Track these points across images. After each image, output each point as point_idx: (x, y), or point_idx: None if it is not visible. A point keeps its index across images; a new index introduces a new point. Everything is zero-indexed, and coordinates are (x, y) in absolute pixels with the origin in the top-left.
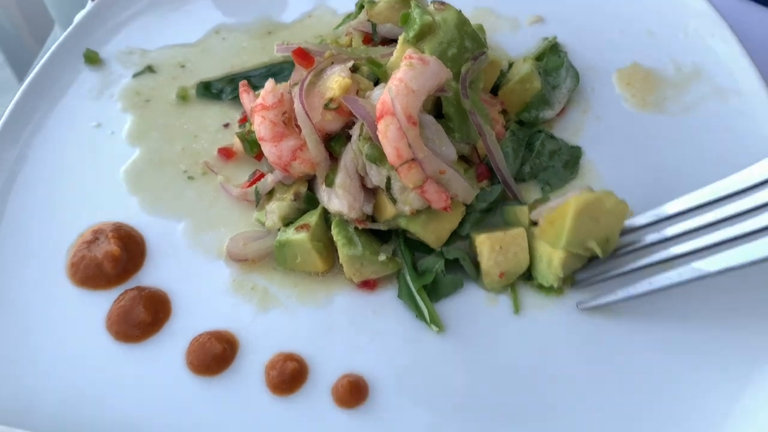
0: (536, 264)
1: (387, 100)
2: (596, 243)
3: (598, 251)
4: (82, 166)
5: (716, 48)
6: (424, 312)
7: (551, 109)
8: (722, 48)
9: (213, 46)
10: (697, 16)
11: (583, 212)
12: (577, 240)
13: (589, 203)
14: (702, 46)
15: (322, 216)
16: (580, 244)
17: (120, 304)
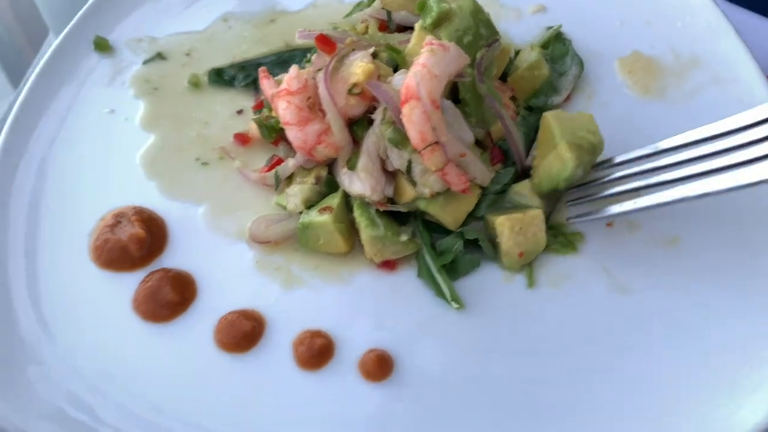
0: (551, 172)
1: (412, 85)
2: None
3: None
4: (97, 151)
5: (713, 37)
6: (444, 290)
7: (559, 95)
8: (719, 37)
9: (219, 35)
10: (693, 7)
11: (559, 118)
12: (568, 132)
13: (559, 114)
14: (699, 35)
15: (343, 198)
16: (573, 134)
17: (147, 285)
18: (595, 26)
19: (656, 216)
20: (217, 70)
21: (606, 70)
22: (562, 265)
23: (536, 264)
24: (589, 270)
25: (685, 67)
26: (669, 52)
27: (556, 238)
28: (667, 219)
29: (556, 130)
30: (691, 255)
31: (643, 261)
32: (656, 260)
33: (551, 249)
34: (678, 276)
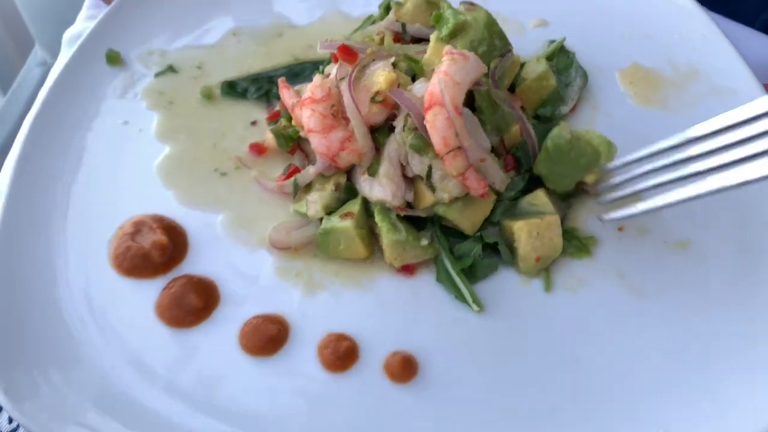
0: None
1: (436, 92)
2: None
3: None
4: (113, 162)
5: (709, 50)
6: (464, 292)
7: (565, 105)
8: (715, 50)
9: (229, 48)
10: (689, 21)
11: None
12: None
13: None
14: (696, 47)
15: (363, 205)
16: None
17: (171, 291)
18: (596, 39)
19: (666, 220)
20: (229, 82)
21: (608, 82)
22: (578, 269)
23: (552, 268)
24: (604, 274)
25: (684, 78)
26: (667, 64)
27: (570, 242)
28: (676, 223)
29: (561, 124)
30: (703, 258)
31: (655, 265)
32: (669, 264)
33: (566, 253)
34: (691, 279)
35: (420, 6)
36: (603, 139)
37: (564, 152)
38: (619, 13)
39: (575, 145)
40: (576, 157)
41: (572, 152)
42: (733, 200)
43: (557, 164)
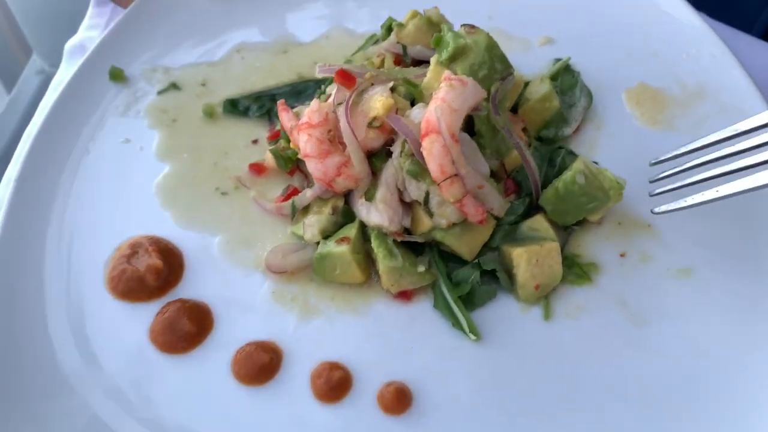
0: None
1: (432, 119)
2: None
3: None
4: (113, 180)
5: (718, 69)
6: (461, 321)
7: (569, 127)
8: (724, 69)
9: (233, 65)
10: (698, 39)
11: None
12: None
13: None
14: (704, 67)
15: (360, 229)
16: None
17: (165, 316)
18: (602, 58)
19: (669, 246)
20: (231, 100)
21: (614, 102)
22: (578, 296)
23: (552, 295)
24: (604, 301)
25: (691, 97)
26: (675, 84)
27: (570, 269)
28: (680, 249)
29: (581, 158)
30: (705, 286)
31: (657, 292)
32: (671, 291)
33: (567, 280)
34: (693, 308)
35: (421, 27)
36: (614, 182)
37: (575, 196)
38: (627, 32)
39: (586, 191)
40: (585, 202)
41: (583, 197)
42: (738, 226)
43: (564, 204)
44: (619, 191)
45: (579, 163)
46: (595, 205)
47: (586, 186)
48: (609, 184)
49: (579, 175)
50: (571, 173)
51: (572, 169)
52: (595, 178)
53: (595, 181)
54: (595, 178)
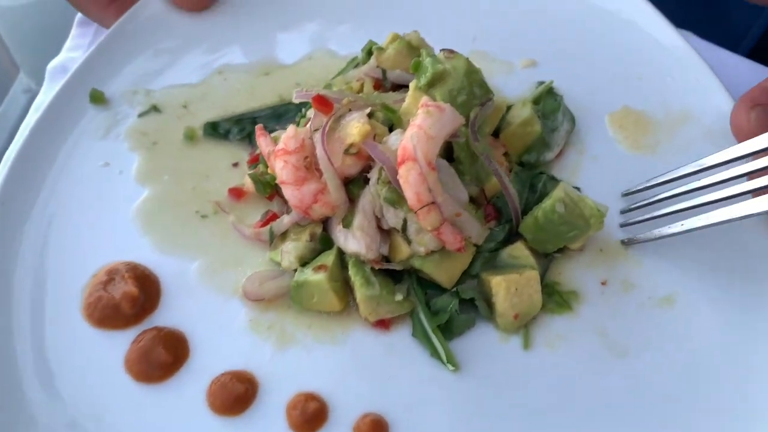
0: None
1: (408, 147)
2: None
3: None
4: (92, 205)
5: (702, 93)
6: (439, 351)
7: (551, 152)
8: (708, 93)
9: (214, 87)
10: (683, 62)
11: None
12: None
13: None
14: (689, 90)
15: (337, 256)
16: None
17: (140, 345)
18: (586, 81)
19: (651, 274)
20: (212, 123)
21: (597, 125)
22: (558, 325)
23: (532, 324)
24: (584, 331)
25: (675, 121)
26: (659, 107)
27: (551, 297)
28: (662, 277)
29: (562, 185)
30: (687, 315)
31: (639, 322)
32: (652, 320)
33: (547, 309)
34: (674, 337)
35: (401, 51)
36: (595, 210)
37: (554, 225)
38: (611, 54)
39: (567, 219)
40: (565, 230)
41: (563, 226)
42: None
43: (544, 232)
44: (600, 219)
45: (559, 191)
46: (575, 234)
47: (566, 215)
48: (590, 212)
49: (558, 204)
50: (550, 202)
51: (552, 198)
52: (576, 206)
53: (576, 209)
54: (575, 206)
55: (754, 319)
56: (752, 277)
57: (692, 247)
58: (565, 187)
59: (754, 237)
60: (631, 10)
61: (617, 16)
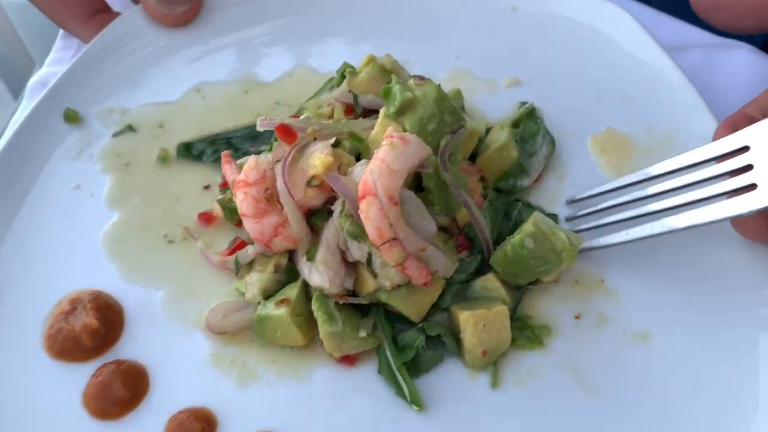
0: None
1: (369, 181)
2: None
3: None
4: (60, 229)
5: (688, 115)
6: (404, 390)
7: (528, 177)
8: (694, 116)
9: (192, 105)
10: (670, 83)
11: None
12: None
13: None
14: (674, 113)
15: (302, 289)
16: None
17: (98, 380)
18: (570, 100)
19: (626, 307)
20: (186, 144)
21: (579, 148)
22: (529, 362)
23: (502, 360)
24: (555, 368)
25: (658, 145)
26: (643, 130)
27: (522, 332)
28: (637, 312)
29: (535, 217)
30: (663, 352)
31: (611, 358)
32: (626, 357)
33: (517, 344)
34: (648, 376)
35: (374, 75)
36: (566, 244)
37: (524, 259)
38: (597, 74)
39: (537, 254)
40: (536, 265)
41: (533, 260)
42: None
43: (514, 266)
44: (572, 254)
45: (529, 225)
46: (546, 268)
47: (536, 249)
48: (561, 246)
49: (528, 239)
50: (519, 237)
51: (521, 232)
52: (547, 240)
53: (546, 243)
54: (547, 240)
55: (731, 358)
56: (732, 315)
57: (670, 281)
58: (537, 219)
59: (736, 269)
60: (619, 29)
61: (604, 34)
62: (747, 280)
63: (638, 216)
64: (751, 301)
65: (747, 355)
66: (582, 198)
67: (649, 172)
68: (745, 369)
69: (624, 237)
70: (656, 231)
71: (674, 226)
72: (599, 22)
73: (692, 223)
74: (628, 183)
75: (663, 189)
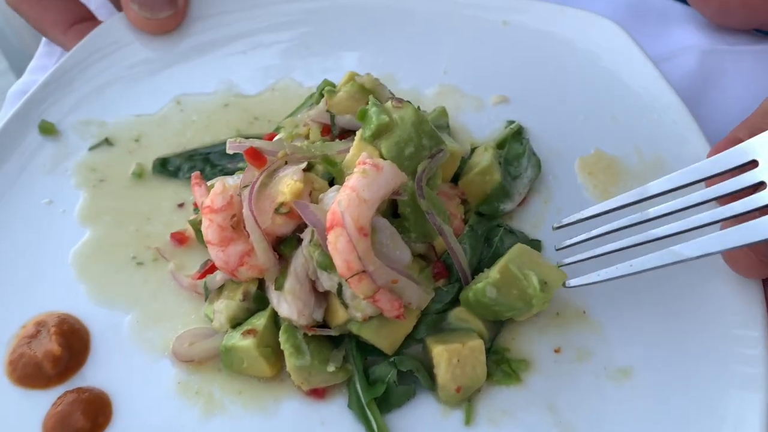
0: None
1: (337, 212)
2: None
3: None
4: (30, 246)
5: (678, 138)
6: (373, 428)
7: (511, 201)
8: (684, 138)
9: (169, 119)
10: (661, 103)
11: (526, 252)
12: (518, 264)
13: (528, 251)
14: (665, 135)
15: (271, 318)
16: (520, 267)
17: (58, 409)
18: (558, 120)
19: (609, 341)
20: (162, 159)
21: (565, 171)
22: (504, 398)
23: (477, 396)
24: (531, 406)
25: (648, 168)
26: (633, 152)
27: (498, 366)
28: (620, 346)
29: (509, 255)
30: (645, 389)
31: (591, 396)
32: (605, 395)
33: (494, 379)
34: (627, 414)
35: (354, 95)
36: (537, 291)
37: (488, 306)
38: (587, 92)
39: (501, 302)
40: (502, 310)
41: (497, 306)
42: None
43: (481, 309)
44: (544, 300)
45: (495, 271)
46: (514, 313)
47: (499, 298)
48: (533, 292)
49: (490, 289)
50: (481, 285)
51: (483, 280)
52: (516, 287)
53: (514, 291)
54: (515, 287)
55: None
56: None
57: (655, 315)
58: (512, 258)
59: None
60: (610, 46)
61: (595, 52)
62: (736, 318)
63: (640, 243)
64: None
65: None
66: (571, 222)
67: (646, 191)
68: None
69: (628, 269)
70: (665, 261)
71: (686, 255)
72: (591, 37)
73: (706, 252)
74: (623, 204)
75: (666, 211)
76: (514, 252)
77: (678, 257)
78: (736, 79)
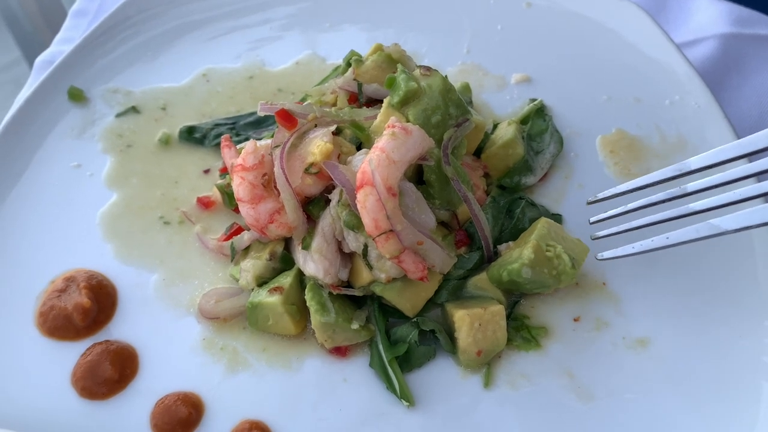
0: (504, 261)
1: (367, 171)
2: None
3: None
4: (58, 207)
5: (701, 120)
6: (395, 385)
7: (533, 175)
8: (707, 120)
9: (195, 90)
10: (684, 86)
11: (552, 226)
12: (548, 239)
13: (553, 224)
14: (687, 116)
15: (297, 277)
16: (546, 242)
17: (87, 359)
18: (581, 100)
19: (627, 312)
20: (188, 127)
21: (587, 148)
22: (524, 363)
23: (496, 360)
24: (550, 371)
25: (670, 149)
26: (655, 133)
27: (518, 332)
28: (638, 317)
29: (539, 232)
30: (661, 359)
31: (608, 364)
32: (623, 363)
33: (513, 344)
34: (644, 383)
35: (380, 65)
36: (567, 267)
37: (520, 284)
38: (610, 73)
39: (534, 279)
40: (531, 288)
41: (529, 285)
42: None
43: (510, 286)
44: (571, 277)
45: (529, 250)
46: (541, 289)
47: (533, 276)
48: (562, 269)
49: (525, 270)
50: (517, 266)
51: (519, 261)
52: (548, 263)
53: (547, 266)
54: (547, 264)
55: (732, 370)
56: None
57: (672, 286)
58: (541, 234)
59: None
60: (633, 28)
61: (618, 33)
62: (753, 291)
63: (677, 217)
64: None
65: (748, 366)
66: (606, 197)
67: (686, 166)
68: (746, 380)
69: (664, 242)
70: (703, 234)
71: (725, 228)
72: (614, 19)
73: (745, 225)
74: (661, 179)
75: (705, 185)
76: (543, 228)
77: (716, 230)
78: (758, 64)
